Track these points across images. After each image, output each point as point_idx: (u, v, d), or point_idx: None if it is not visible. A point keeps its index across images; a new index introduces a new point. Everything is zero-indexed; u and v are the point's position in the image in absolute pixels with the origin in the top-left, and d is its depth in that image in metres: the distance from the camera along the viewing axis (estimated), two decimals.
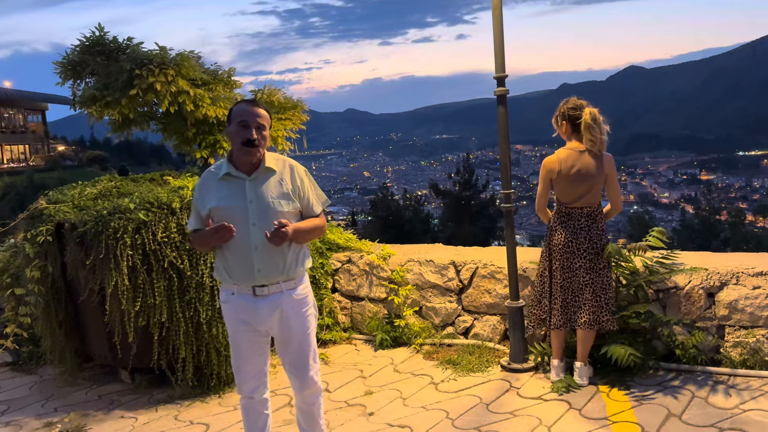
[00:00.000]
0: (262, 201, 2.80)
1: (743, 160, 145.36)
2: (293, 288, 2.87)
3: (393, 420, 3.76)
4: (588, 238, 3.95)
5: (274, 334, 2.94)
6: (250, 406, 3.04)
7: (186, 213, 4.15)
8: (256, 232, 2.77)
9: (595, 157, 3.91)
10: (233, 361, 3.00)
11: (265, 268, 2.79)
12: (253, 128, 2.78)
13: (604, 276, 3.97)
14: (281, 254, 2.80)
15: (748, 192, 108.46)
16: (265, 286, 2.81)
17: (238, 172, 2.83)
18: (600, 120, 3.91)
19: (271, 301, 2.83)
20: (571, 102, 4.01)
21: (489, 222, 33.15)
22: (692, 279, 4.09)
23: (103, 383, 4.73)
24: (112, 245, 4.03)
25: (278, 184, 2.84)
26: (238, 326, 2.91)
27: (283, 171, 2.88)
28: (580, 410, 3.66)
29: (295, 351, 2.92)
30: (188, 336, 4.17)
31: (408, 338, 4.90)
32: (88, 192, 4.62)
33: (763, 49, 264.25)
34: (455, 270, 4.87)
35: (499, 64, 4.11)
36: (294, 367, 2.95)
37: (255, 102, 2.90)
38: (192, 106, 4.98)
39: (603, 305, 3.96)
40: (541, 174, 4.05)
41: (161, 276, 4.09)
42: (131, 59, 4.71)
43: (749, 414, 3.42)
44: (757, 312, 3.90)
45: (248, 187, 2.81)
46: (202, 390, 4.34)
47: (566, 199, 3.99)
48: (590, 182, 3.91)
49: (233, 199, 2.81)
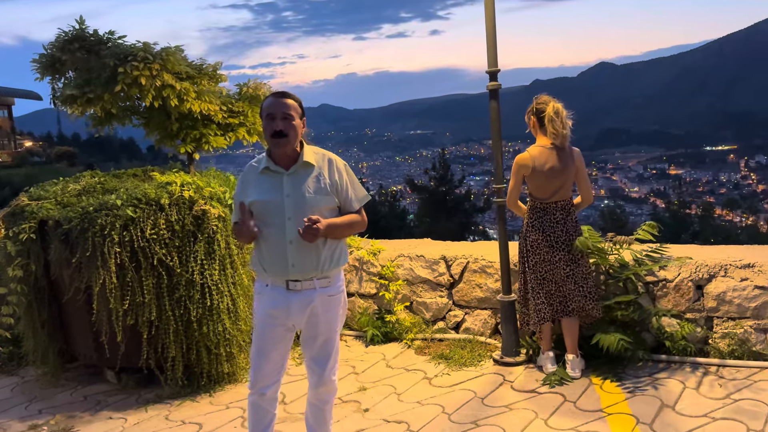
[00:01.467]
0: (299, 195, 2.77)
1: (710, 155, 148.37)
2: (326, 287, 2.84)
3: (389, 416, 3.74)
4: (564, 230, 4.03)
5: (301, 329, 2.91)
6: (260, 404, 2.98)
7: (175, 209, 4.07)
8: (291, 226, 2.74)
9: (564, 153, 4.00)
10: (253, 356, 2.94)
11: (299, 264, 2.76)
12: (279, 119, 2.75)
13: (582, 266, 4.05)
14: (315, 250, 2.77)
15: (715, 186, 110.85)
16: (299, 281, 2.79)
17: (277, 167, 2.80)
18: (563, 114, 4.00)
19: (303, 297, 2.80)
20: (541, 98, 4.11)
21: (465, 217, 33.36)
22: (681, 271, 4.15)
23: (88, 384, 4.63)
24: (99, 242, 3.93)
25: (316, 179, 2.81)
26: (266, 319, 2.87)
27: (321, 165, 2.85)
28: (575, 403, 3.69)
29: (319, 347, 2.90)
30: (178, 335, 4.10)
31: (399, 333, 4.89)
32: (71, 188, 4.50)
33: (730, 46, 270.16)
34: (446, 265, 4.87)
35: (492, 58, 4.11)
36: (315, 363, 2.93)
37: (282, 93, 2.84)
38: (176, 101, 4.88)
39: (586, 294, 4.03)
40: (513, 169, 4.10)
41: (150, 274, 4.01)
42: (114, 54, 4.59)
43: (740, 404, 3.48)
44: (745, 303, 3.97)
45: (285, 181, 2.78)
46: (192, 389, 4.27)
47: (541, 195, 4.06)
48: (563, 177, 4.00)
49: (270, 193, 2.79)
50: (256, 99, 5.55)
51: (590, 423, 3.42)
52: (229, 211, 4.19)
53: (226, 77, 5.30)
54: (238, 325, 4.27)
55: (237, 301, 4.24)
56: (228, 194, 4.31)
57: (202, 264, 4.07)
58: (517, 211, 4.23)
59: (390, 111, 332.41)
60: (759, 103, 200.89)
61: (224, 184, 4.67)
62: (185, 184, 4.23)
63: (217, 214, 4.08)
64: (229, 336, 4.20)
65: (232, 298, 4.21)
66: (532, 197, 4.13)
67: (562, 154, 4.01)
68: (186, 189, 4.16)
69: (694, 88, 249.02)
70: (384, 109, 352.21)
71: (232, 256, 4.22)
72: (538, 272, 4.08)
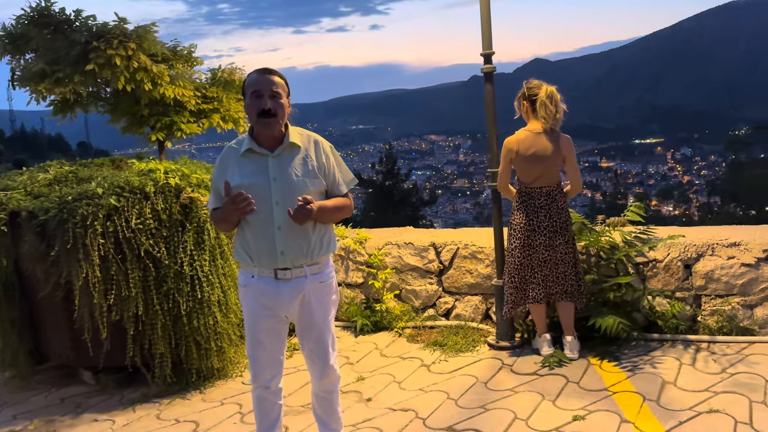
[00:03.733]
0: (286, 178, 2.60)
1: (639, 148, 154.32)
2: (317, 273, 2.69)
3: (394, 404, 3.66)
4: (548, 216, 4.03)
5: (294, 320, 2.76)
6: (265, 397, 2.85)
7: (161, 198, 3.86)
8: (279, 211, 2.58)
9: (551, 139, 4.01)
10: (249, 350, 2.79)
11: (289, 250, 2.60)
12: (267, 97, 2.58)
13: (566, 252, 4.04)
14: (305, 236, 2.62)
15: (644, 178, 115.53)
16: (288, 269, 2.63)
17: (261, 148, 2.63)
18: (557, 98, 4.02)
19: (293, 286, 2.65)
20: (532, 83, 4.10)
21: (411, 210, 33.58)
22: (670, 252, 4.25)
23: (63, 386, 4.34)
24: (80, 234, 3.68)
25: (303, 161, 2.65)
26: (257, 311, 2.71)
27: (308, 147, 2.70)
28: (578, 383, 3.71)
29: (317, 338, 2.76)
30: (166, 329, 3.89)
31: (389, 322, 4.81)
32: (42, 178, 4.20)
33: (656, 42, 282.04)
34: (435, 252, 4.82)
35: (486, 40, 4.07)
36: (314, 354, 2.79)
37: (268, 70, 2.67)
38: (150, 85, 4.63)
39: (572, 279, 4.06)
40: (501, 153, 4.11)
41: (136, 266, 3.78)
42: (84, 33, 4.30)
43: (737, 377, 3.58)
44: (732, 281, 4.10)
45: (271, 163, 2.61)
46: (181, 386, 4.07)
47: (525, 179, 4.07)
48: (546, 163, 4.00)
49: (256, 176, 2.60)
50: (230, 84, 5.36)
51: (598, 402, 3.44)
52: None
53: (202, 61, 5.07)
54: (228, 318, 4.10)
55: (228, 292, 4.06)
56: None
57: (192, 255, 3.87)
58: (507, 195, 4.22)
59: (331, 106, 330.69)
60: (684, 98, 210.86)
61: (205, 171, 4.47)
62: (170, 171, 4.01)
63: (206, 202, 3.88)
64: (220, 329, 4.02)
65: (223, 290, 4.03)
66: (518, 181, 4.14)
67: (548, 140, 3.99)
68: (171, 176, 3.94)
69: (623, 83, 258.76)
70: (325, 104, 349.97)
71: (222, 246, 4.04)
72: (517, 256, 4.10)
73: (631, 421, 3.21)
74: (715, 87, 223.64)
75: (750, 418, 3.12)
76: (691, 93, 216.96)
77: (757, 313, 4.06)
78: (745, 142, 26.53)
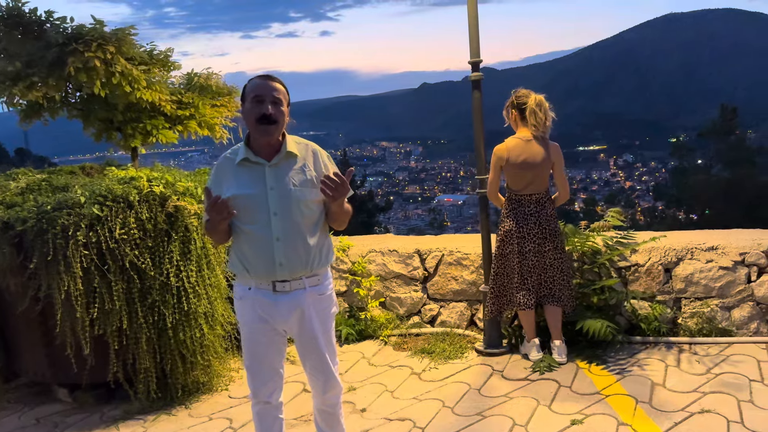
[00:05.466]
0: (284, 188, 2.53)
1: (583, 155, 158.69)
2: (316, 285, 2.62)
3: (389, 414, 3.63)
4: (537, 223, 4.09)
5: (293, 335, 2.68)
6: (266, 412, 2.77)
7: (145, 206, 3.72)
8: (277, 222, 2.51)
9: (541, 146, 4.06)
10: (248, 364, 2.71)
11: (288, 262, 2.53)
12: (269, 103, 2.52)
13: (554, 257, 4.10)
14: (304, 247, 2.56)
15: (588, 183, 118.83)
16: (287, 282, 2.56)
17: (257, 157, 2.55)
18: (545, 106, 4.08)
19: (292, 299, 2.57)
20: (520, 92, 4.16)
21: (367, 216, 33.58)
22: (651, 256, 4.36)
23: (36, 405, 4.12)
24: (60, 245, 3.50)
25: (301, 171, 2.58)
26: (255, 324, 2.63)
27: (306, 156, 2.63)
28: (570, 387, 3.76)
29: (318, 352, 2.67)
30: (151, 343, 3.75)
31: (374, 330, 4.77)
32: (13, 187, 3.99)
33: (598, 52, 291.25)
34: (420, 259, 4.82)
35: (474, 48, 4.10)
36: (316, 370, 2.72)
37: (269, 76, 2.60)
38: (128, 88, 4.46)
39: (563, 284, 4.12)
40: (491, 161, 4.14)
41: (120, 278, 3.63)
42: (61, 34, 4.12)
43: (723, 377, 3.70)
44: (711, 284, 4.24)
45: (268, 173, 2.54)
46: (165, 402, 3.92)
47: (515, 186, 4.11)
48: (536, 170, 4.05)
49: (252, 186, 2.53)
50: (206, 90, 5.23)
51: (593, 405, 3.50)
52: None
53: (180, 65, 4.93)
54: (215, 330, 3.98)
55: (214, 304, 3.94)
56: (200, 189, 4.00)
57: (178, 265, 3.74)
58: (497, 203, 4.26)
59: None
60: (624, 106, 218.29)
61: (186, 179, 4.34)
62: (153, 179, 3.87)
63: (193, 211, 3.77)
64: (206, 342, 3.90)
65: (210, 301, 3.91)
66: (508, 188, 4.18)
67: (537, 148, 4.05)
68: (155, 184, 3.81)
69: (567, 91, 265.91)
70: None
71: (209, 256, 3.92)
72: (505, 262, 4.13)
73: (628, 423, 3.27)
74: (654, 96, 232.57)
75: (741, 417, 3.22)
76: (632, 101, 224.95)
77: (735, 314, 4.20)
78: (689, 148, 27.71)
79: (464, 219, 76.06)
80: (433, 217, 71.95)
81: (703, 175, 23.68)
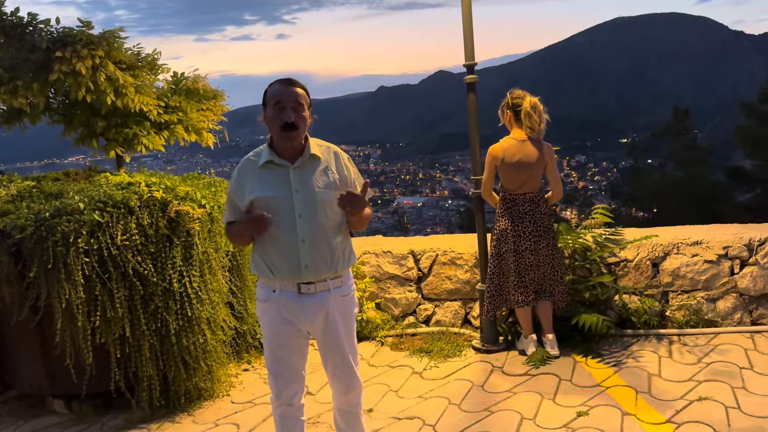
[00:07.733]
0: (309, 191, 2.56)
1: None
2: (340, 286, 2.66)
3: (397, 413, 3.66)
4: (532, 221, 4.19)
5: (316, 336, 2.71)
6: (289, 414, 2.78)
7: (146, 212, 3.67)
8: (302, 224, 2.54)
9: (535, 146, 4.17)
10: (270, 366, 2.72)
11: (313, 264, 2.56)
12: (290, 109, 2.54)
13: (548, 254, 4.22)
14: (330, 249, 2.59)
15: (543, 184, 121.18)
16: (312, 284, 2.58)
17: (281, 160, 2.57)
18: (540, 108, 4.19)
19: (317, 300, 2.60)
20: (515, 93, 4.26)
21: None
22: (640, 251, 4.52)
23: (31, 417, 4.00)
24: (61, 252, 3.43)
25: (324, 173, 2.62)
26: (280, 326, 2.64)
27: (328, 158, 2.67)
28: (571, 380, 3.86)
29: (343, 353, 2.71)
30: (153, 350, 3.69)
31: (369, 332, 4.80)
32: (4, 194, 3.87)
33: (551, 56, 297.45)
34: (414, 259, 4.87)
35: (469, 51, 4.18)
36: (340, 370, 2.75)
37: (290, 81, 2.63)
38: (113, 95, 4.38)
39: (556, 280, 4.23)
40: (486, 161, 4.23)
41: (122, 284, 3.57)
42: (46, 39, 4.02)
43: (714, 366, 3.86)
44: (696, 277, 4.42)
45: (293, 175, 2.56)
46: (167, 410, 3.86)
47: (510, 186, 4.21)
48: (530, 170, 4.16)
49: (277, 188, 2.55)
50: (193, 93, 5.17)
51: (596, 397, 3.61)
52: (208, 211, 3.85)
53: (168, 68, 4.86)
54: (216, 335, 3.94)
55: (217, 309, 3.91)
56: (198, 194, 3.96)
57: (180, 271, 3.70)
58: (491, 201, 4.35)
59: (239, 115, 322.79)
60: (576, 108, 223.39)
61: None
62: (151, 184, 3.82)
63: (196, 216, 3.73)
64: (209, 348, 3.86)
65: (213, 306, 3.87)
66: (502, 188, 4.27)
67: (532, 148, 4.15)
68: (154, 189, 3.76)
69: None
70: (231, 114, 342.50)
71: (210, 261, 3.88)
72: (501, 262, 4.23)
73: (632, 413, 3.39)
74: (604, 98, 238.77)
75: (737, 404, 3.37)
76: (583, 103, 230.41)
77: (720, 305, 4.39)
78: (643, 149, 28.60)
79: (424, 221, 76.51)
80: (397, 220, 72.12)
81: (657, 174, 24.42)
